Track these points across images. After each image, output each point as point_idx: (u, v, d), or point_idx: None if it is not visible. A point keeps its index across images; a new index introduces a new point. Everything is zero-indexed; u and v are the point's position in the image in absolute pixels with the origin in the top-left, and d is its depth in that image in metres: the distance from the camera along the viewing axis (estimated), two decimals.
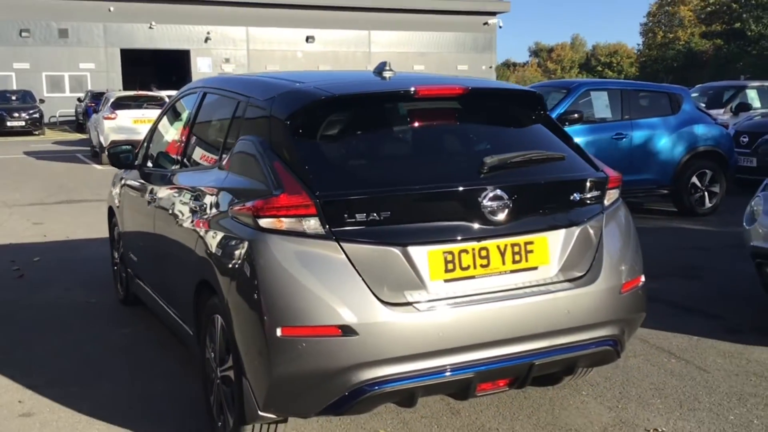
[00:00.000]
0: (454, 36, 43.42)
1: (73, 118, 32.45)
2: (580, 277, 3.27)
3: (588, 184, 3.39)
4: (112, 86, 34.48)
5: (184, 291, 3.73)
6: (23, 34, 34.73)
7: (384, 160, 3.27)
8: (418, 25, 42.07)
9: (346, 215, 2.88)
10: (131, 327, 5.20)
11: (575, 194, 3.33)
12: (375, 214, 2.91)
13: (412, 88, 3.30)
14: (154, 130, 5.18)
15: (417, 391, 2.97)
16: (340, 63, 40.98)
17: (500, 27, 44.82)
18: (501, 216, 3.08)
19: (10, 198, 11.80)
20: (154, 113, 17.89)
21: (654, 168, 9.49)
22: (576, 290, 3.22)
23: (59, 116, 32.83)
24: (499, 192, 3.08)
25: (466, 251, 3.03)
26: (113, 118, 17.66)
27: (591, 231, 3.34)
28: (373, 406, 3.01)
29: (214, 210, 3.38)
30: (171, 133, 4.97)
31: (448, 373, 2.98)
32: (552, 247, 3.22)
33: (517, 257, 3.14)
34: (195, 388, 3.93)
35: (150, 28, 36.99)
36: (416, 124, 3.43)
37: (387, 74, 3.61)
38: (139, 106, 18.27)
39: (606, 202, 3.47)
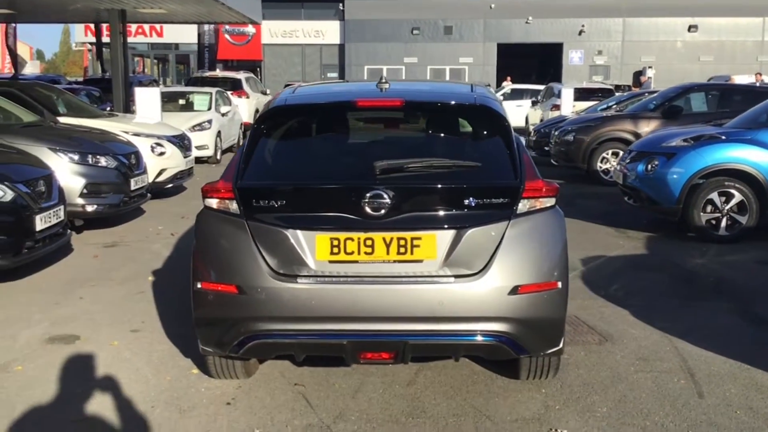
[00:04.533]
0: None
1: None
2: (469, 275, 3.68)
3: (493, 191, 3.74)
4: (488, 79, 36.91)
5: None
6: (414, 31, 38.83)
7: (302, 160, 4.05)
8: None
9: (254, 201, 3.77)
10: None
11: (474, 200, 3.71)
12: (276, 203, 3.75)
13: (354, 100, 4.01)
14: None
15: (295, 347, 3.75)
16: (725, 53, 38.07)
17: None
18: (386, 212, 3.66)
19: None
20: None
21: None
22: (458, 285, 3.66)
23: None
24: (381, 192, 3.66)
25: (351, 239, 3.69)
26: None
27: (489, 233, 3.71)
28: (264, 353, 3.87)
29: None
30: None
31: (323, 338, 3.70)
32: (440, 244, 3.69)
33: (402, 249, 3.69)
34: None
35: (527, 22, 38.51)
36: (350, 130, 4.12)
37: (383, 86, 4.31)
38: None
39: (520, 209, 3.76)
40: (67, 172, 8.09)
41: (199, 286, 3.82)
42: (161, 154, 10.62)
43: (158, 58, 44.95)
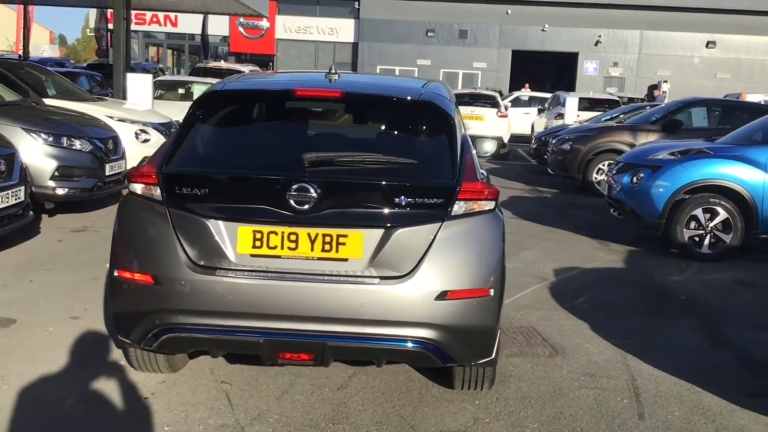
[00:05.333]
0: None
1: None
2: (396, 277, 3.50)
3: (426, 191, 3.56)
4: (501, 85, 36.62)
5: None
6: (429, 34, 38.62)
7: (232, 148, 3.88)
8: None
9: (177, 188, 3.60)
10: None
11: (406, 198, 3.53)
12: (200, 191, 3.58)
13: (293, 89, 3.83)
14: None
15: (210, 343, 3.58)
16: (743, 71, 37.67)
17: None
18: (312, 207, 3.48)
19: None
20: (483, 110, 19.14)
21: None
22: (383, 287, 3.49)
23: None
24: (306, 185, 3.48)
25: (275, 233, 3.51)
26: None
27: (420, 235, 3.53)
28: (179, 348, 3.69)
29: None
30: None
31: (238, 335, 3.52)
32: (367, 243, 3.51)
33: (327, 247, 3.51)
34: None
35: (543, 30, 38.22)
36: (287, 121, 3.96)
37: (332, 77, 4.14)
38: (470, 103, 19.56)
39: (455, 211, 3.58)
40: (39, 153, 7.98)
41: (115, 273, 3.66)
42: (145, 141, 10.49)
43: (173, 47, 45.00)
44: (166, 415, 3.77)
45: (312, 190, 3.48)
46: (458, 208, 3.60)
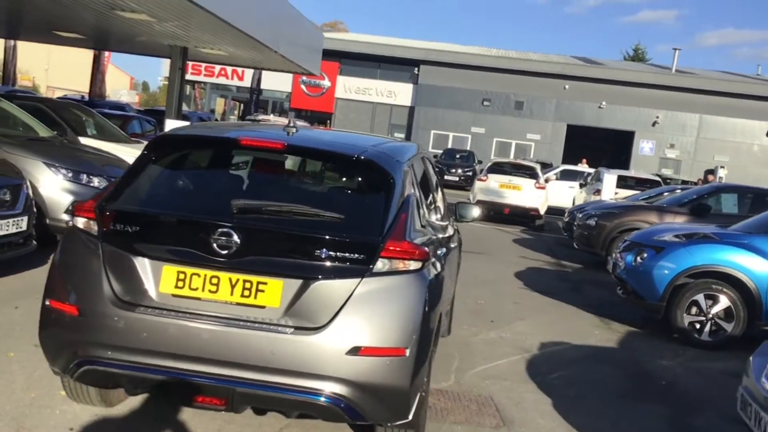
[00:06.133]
0: None
1: None
2: (310, 328, 3.53)
3: (350, 246, 3.61)
4: (554, 158, 36.57)
5: None
6: (485, 103, 39.03)
7: (172, 190, 4.02)
8: None
9: (112, 225, 3.74)
10: None
11: (328, 251, 3.59)
12: (131, 228, 3.71)
13: (238, 138, 3.98)
14: None
15: (124, 379, 3.65)
16: None
17: None
18: (235, 252, 3.57)
19: None
20: (521, 180, 19.12)
21: None
22: (296, 337, 3.52)
23: None
24: (230, 231, 3.57)
25: (197, 275, 3.60)
26: (484, 181, 19.31)
27: (338, 288, 3.56)
28: (98, 381, 3.76)
29: None
30: None
31: (151, 373, 3.59)
32: (285, 292, 3.57)
33: (246, 293, 3.58)
34: None
35: (599, 107, 38.23)
36: (230, 169, 4.08)
37: (290, 130, 4.28)
38: (509, 173, 19.60)
39: (377, 268, 3.61)
40: (57, 187, 8.30)
41: (47, 302, 3.78)
42: None
43: (239, 100, 46.44)
44: None
45: (235, 236, 3.57)
46: (381, 265, 3.64)
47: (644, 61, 60.47)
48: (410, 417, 3.77)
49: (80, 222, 3.85)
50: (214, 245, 3.58)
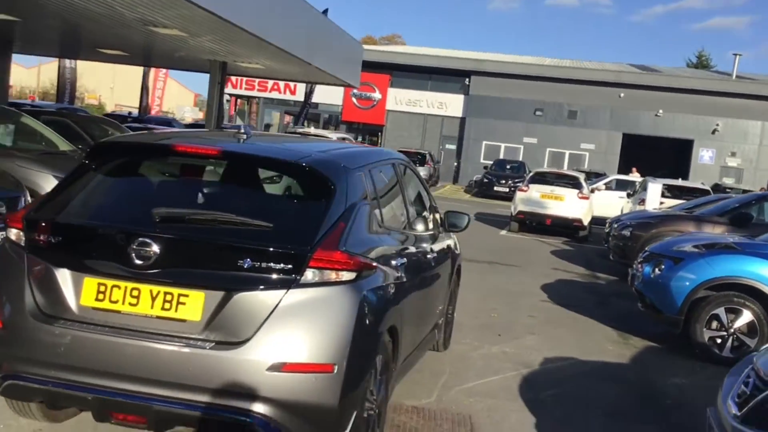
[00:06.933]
0: None
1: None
2: (231, 343, 3.36)
3: (275, 255, 3.43)
4: (609, 168, 35.62)
5: None
6: (537, 112, 38.37)
7: (100, 199, 3.91)
8: None
9: (36, 235, 3.65)
10: None
11: (252, 261, 3.42)
12: (54, 239, 3.61)
13: (173, 144, 3.85)
14: None
15: (43, 394, 3.53)
16: None
17: None
18: (154, 263, 3.42)
19: None
20: (564, 190, 18.61)
21: None
22: (216, 352, 3.36)
23: None
24: (148, 240, 3.43)
25: (118, 287, 3.48)
26: (525, 191, 18.86)
27: (261, 300, 3.40)
28: (21, 396, 3.65)
29: None
30: None
31: (69, 389, 3.46)
32: (207, 305, 3.41)
33: (167, 305, 3.44)
34: None
35: (656, 115, 37.18)
36: (164, 176, 3.95)
37: (240, 136, 4.15)
38: (551, 182, 19.11)
39: (305, 279, 3.43)
40: None
41: None
42: None
43: (291, 113, 46.86)
44: None
45: (155, 246, 3.43)
46: (311, 275, 3.45)
47: (708, 68, 58.75)
48: None
49: (12, 233, 3.77)
50: (133, 256, 3.45)
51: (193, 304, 3.41)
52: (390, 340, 4.25)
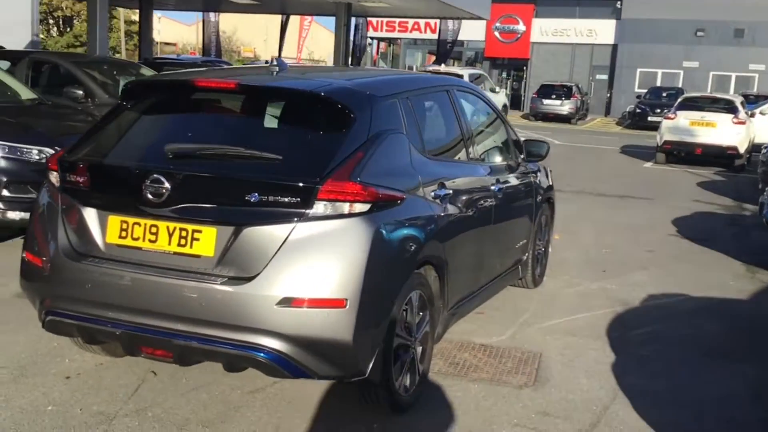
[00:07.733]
0: None
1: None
2: (243, 278, 3.33)
3: (283, 188, 3.33)
4: None
5: None
6: (698, 33, 35.52)
7: (127, 138, 3.94)
8: None
9: (68, 176, 3.75)
10: None
11: (260, 195, 3.33)
12: (82, 178, 3.70)
13: (192, 80, 3.80)
14: None
15: (75, 329, 3.66)
16: None
17: None
18: (168, 200, 3.42)
19: None
20: (716, 116, 17.16)
21: None
22: (227, 287, 3.34)
23: None
24: (160, 177, 3.42)
25: (138, 224, 3.52)
26: (672, 119, 17.55)
27: (270, 234, 3.32)
28: (60, 331, 3.78)
29: None
30: None
31: (99, 324, 3.56)
32: (219, 240, 3.39)
33: (183, 241, 3.45)
34: None
35: None
36: (188, 113, 3.92)
37: (273, 69, 4.07)
38: (702, 108, 17.65)
39: (314, 212, 3.31)
40: None
41: (23, 255, 3.88)
42: None
43: (433, 53, 46.27)
44: (66, 395, 3.91)
45: (166, 182, 3.41)
46: (322, 208, 3.31)
47: None
48: (367, 373, 3.44)
49: (51, 175, 3.89)
50: (148, 193, 3.45)
51: (207, 240, 3.38)
52: (435, 275, 4.06)
